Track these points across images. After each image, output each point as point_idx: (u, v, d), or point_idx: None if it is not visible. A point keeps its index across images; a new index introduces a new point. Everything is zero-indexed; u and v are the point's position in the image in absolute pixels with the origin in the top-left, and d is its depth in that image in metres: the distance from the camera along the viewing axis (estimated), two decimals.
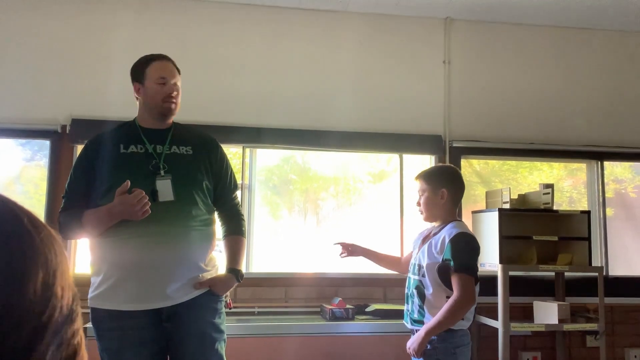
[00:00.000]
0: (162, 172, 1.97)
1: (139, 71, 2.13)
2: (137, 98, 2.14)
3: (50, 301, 0.47)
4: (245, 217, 2.36)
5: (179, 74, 2.15)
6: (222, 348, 2.02)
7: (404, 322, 2.34)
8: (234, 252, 2.12)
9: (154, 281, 1.90)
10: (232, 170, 2.22)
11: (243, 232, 2.18)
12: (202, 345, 1.96)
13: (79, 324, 0.51)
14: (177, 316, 1.93)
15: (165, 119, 2.09)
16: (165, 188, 1.95)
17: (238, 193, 2.26)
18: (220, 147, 2.20)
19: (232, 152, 3.84)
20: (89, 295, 1.95)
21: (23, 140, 3.63)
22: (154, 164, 1.99)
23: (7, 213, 0.49)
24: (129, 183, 1.84)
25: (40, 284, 0.47)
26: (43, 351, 0.46)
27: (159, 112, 2.06)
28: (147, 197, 1.85)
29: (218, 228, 2.18)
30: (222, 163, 2.16)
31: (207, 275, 2.01)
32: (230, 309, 2.19)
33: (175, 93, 2.07)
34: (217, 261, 2.13)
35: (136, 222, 1.87)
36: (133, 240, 1.90)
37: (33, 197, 3.58)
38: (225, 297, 2.12)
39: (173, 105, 2.07)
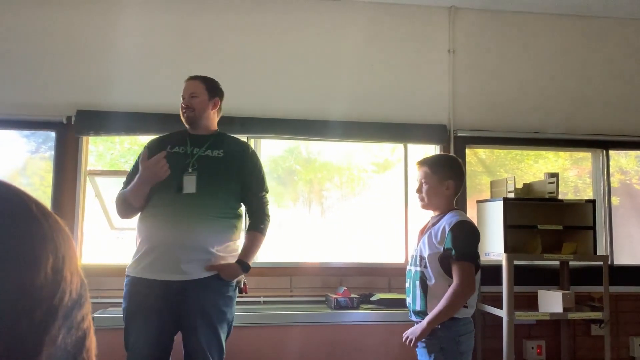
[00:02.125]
0: (190, 169, 2.35)
1: None
2: None
3: (60, 285, 0.48)
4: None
5: (209, 84, 2.53)
6: (222, 328, 2.28)
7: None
8: (247, 246, 2.41)
9: (169, 257, 2.23)
10: (261, 173, 2.52)
11: (261, 229, 2.45)
12: (203, 321, 2.23)
13: (87, 309, 0.52)
14: (185, 292, 2.22)
15: (192, 125, 2.47)
16: (189, 183, 2.32)
17: (268, 195, 2.53)
18: (251, 154, 2.52)
19: None
20: (128, 265, 2.33)
21: (28, 132, 3.64)
22: (186, 162, 2.37)
23: (15, 200, 0.50)
24: (147, 151, 2.35)
25: (51, 268, 0.48)
26: (55, 334, 0.47)
27: (184, 121, 2.48)
28: (164, 160, 2.25)
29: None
30: (249, 167, 2.47)
31: (221, 261, 2.30)
32: (245, 293, 2.48)
33: (186, 105, 2.44)
34: (238, 249, 2.41)
35: (165, 208, 2.29)
36: (159, 222, 2.29)
37: (39, 189, 3.60)
38: (239, 282, 2.40)
39: (189, 112, 2.44)
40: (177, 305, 2.23)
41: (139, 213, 2.38)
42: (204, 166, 2.37)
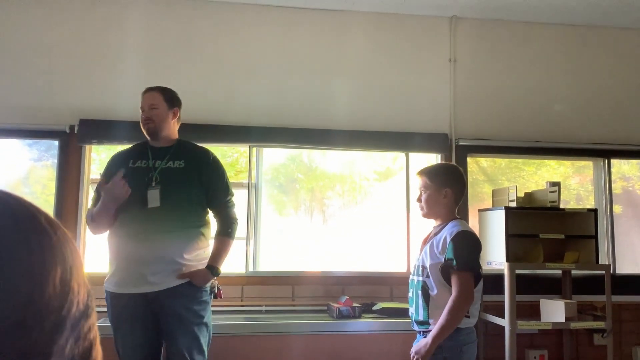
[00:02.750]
0: (153, 183, 2.41)
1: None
2: None
3: (68, 296, 0.49)
4: (252, 216, 2.63)
5: (167, 94, 2.54)
6: (199, 331, 2.38)
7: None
8: (216, 250, 2.49)
9: (137, 271, 2.34)
10: (224, 177, 2.57)
11: (229, 233, 2.52)
12: (179, 326, 2.34)
13: (93, 319, 0.53)
14: (159, 300, 2.35)
15: (154, 137, 2.51)
16: (153, 197, 2.39)
17: (233, 198, 2.59)
18: (212, 158, 2.56)
19: (240, 151, 3.86)
20: (105, 279, 2.44)
21: (30, 141, 3.66)
22: (150, 176, 2.43)
23: (24, 213, 0.50)
24: (104, 179, 2.39)
25: (59, 280, 0.48)
26: (63, 345, 0.48)
27: (146, 134, 2.53)
28: (123, 181, 2.30)
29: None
30: (212, 172, 2.53)
31: (191, 269, 2.40)
32: (220, 297, 2.58)
33: (146, 117, 2.49)
34: (207, 256, 2.49)
35: (132, 223, 2.37)
36: (128, 238, 2.38)
37: (40, 198, 3.60)
38: (213, 287, 2.50)
39: (150, 125, 2.49)
40: (155, 314, 2.37)
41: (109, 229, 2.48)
42: (166, 179, 2.43)
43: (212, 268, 2.45)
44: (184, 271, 2.38)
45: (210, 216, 2.60)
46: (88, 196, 3.54)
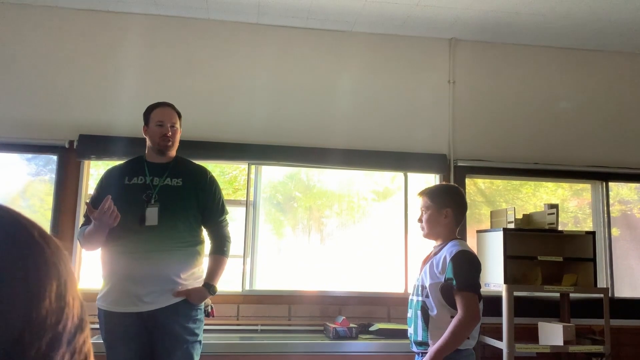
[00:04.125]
0: (152, 201, 2.38)
1: (146, 115, 2.53)
2: (145, 137, 2.53)
3: (64, 311, 0.48)
4: (250, 234, 2.61)
5: (179, 117, 2.53)
6: (193, 348, 2.37)
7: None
8: (211, 269, 2.48)
9: (133, 290, 2.31)
10: (220, 196, 2.56)
11: (224, 252, 2.52)
12: (174, 343, 2.33)
13: (87, 331, 0.52)
14: (155, 318, 2.33)
15: (163, 154, 2.48)
16: (152, 215, 2.36)
17: (227, 217, 2.59)
18: (209, 177, 2.55)
19: (239, 169, 3.86)
20: (98, 296, 2.39)
21: (29, 155, 3.66)
22: (147, 193, 2.40)
23: (18, 227, 0.50)
24: (90, 205, 2.27)
25: (55, 295, 0.48)
26: None
27: (158, 149, 2.47)
28: (112, 208, 2.19)
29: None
30: (209, 191, 2.52)
31: (187, 287, 2.38)
32: (213, 316, 2.58)
33: (169, 133, 2.46)
34: (202, 274, 2.48)
35: (129, 241, 2.33)
36: (124, 255, 2.34)
37: (38, 212, 3.59)
38: (207, 306, 2.51)
39: (169, 143, 2.47)
40: (150, 331, 2.34)
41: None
42: (164, 197, 2.40)
43: (209, 286, 2.44)
44: (179, 289, 2.36)
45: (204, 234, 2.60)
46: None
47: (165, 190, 2.43)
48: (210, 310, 2.55)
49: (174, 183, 2.45)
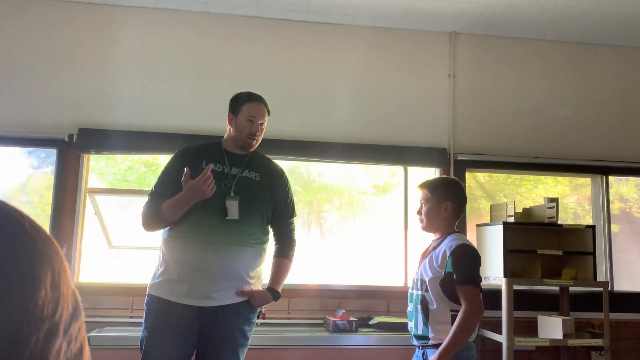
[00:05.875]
0: (232, 192, 2.27)
1: (236, 105, 2.41)
2: (229, 125, 2.41)
3: (59, 301, 0.48)
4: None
5: (268, 114, 2.44)
6: (242, 352, 2.28)
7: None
8: (276, 273, 2.39)
9: (202, 284, 2.19)
10: (292, 198, 2.48)
11: (289, 256, 2.42)
12: (227, 345, 2.22)
13: (82, 320, 0.52)
14: (214, 315, 2.20)
15: (245, 150, 2.38)
16: (232, 207, 2.24)
17: (296, 220, 2.50)
18: (285, 179, 2.47)
19: None
20: (150, 282, 2.26)
21: (30, 149, 3.65)
22: (225, 183, 2.28)
23: (9, 219, 0.49)
24: (189, 170, 2.15)
25: (50, 286, 0.48)
26: (58, 350, 0.47)
27: (242, 144, 2.36)
28: (211, 177, 2.12)
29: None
30: (284, 190, 2.43)
31: (250, 286, 2.28)
32: (264, 318, 2.51)
33: (258, 133, 2.37)
34: (262, 274, 2.39)
35: (203, 232, 2.21)
36: (196, 245, 2.21)
37: (37, 207, 3.59)
38: (261, 308, 2.37)
39: (255, 142, 2.37)
40: (203, 328, 2.22)
41: (168, 230, 2.28)
42: (243, 189, 2.30)
43: (274, 292, 2.33)
44: (245, 288, 2.25)
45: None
46: (85, 205, 3.53)
47: (243, 182, 2.31)
48: (263, 311, 2.44)
49: (252, 176, 2.35)
